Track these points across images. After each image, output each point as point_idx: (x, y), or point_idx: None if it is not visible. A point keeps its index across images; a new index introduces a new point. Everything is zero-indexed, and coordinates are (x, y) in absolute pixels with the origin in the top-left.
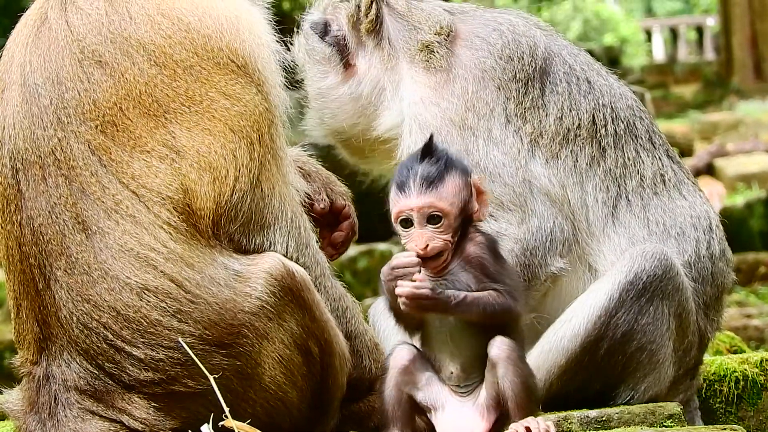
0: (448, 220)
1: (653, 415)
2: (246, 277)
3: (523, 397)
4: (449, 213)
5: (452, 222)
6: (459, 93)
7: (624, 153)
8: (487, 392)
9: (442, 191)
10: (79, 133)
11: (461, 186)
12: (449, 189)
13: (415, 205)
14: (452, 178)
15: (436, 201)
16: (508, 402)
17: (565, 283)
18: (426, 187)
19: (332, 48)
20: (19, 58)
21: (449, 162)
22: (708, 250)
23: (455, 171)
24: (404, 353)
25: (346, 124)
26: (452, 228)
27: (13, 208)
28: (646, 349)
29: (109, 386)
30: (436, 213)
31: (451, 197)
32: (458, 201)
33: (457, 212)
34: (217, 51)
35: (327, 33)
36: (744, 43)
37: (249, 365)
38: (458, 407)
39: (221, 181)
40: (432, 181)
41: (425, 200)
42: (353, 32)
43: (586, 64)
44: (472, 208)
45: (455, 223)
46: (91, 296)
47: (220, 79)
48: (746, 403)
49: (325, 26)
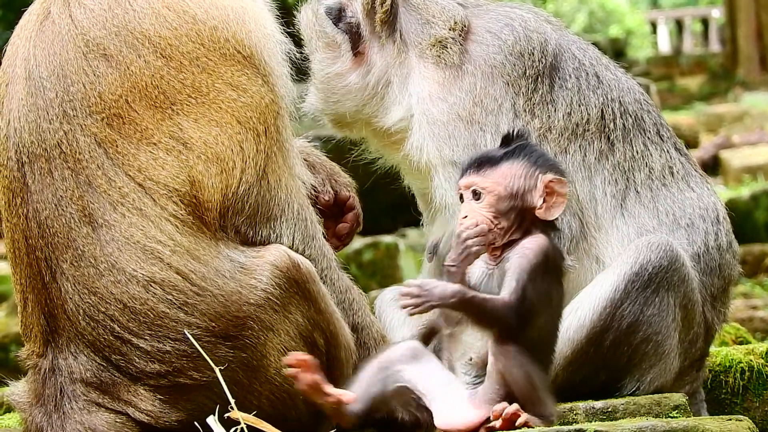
0: (489, 198)
1: (659, 406)
2: (251, 270)
3: (525, 394)
4: (492, 191)
5: (495, 203)
6: (467, 88)
7: (632, 147)
8: (489, 386)
9: (490, 173)
10: (85, 126)
11: (519, 174)
12: (500, 172)
13: (462, 183)
14: (509, 165)
15: (480, 180)
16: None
17: (573, 277)
18: (476, 168)
19: (344, 35)
20: (24, 52)
21: (514, 151)
22: (716, 242)
23: (518, 160)
24: (401, 346)
25: (349, 112)
26: (496, 209)
27: (19, 201)
28: (651, 340)
29: (115, 378)
30: (478, 190)
31: (498, 179)
32: (507, 185)
33: (504, 195)
34: (224, 42)
35: (341, 19)
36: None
37: (255, 357)
38: (457, 396)
39: (228, 172)
40: (483, 163)
41: (470, 179)
42: (367, 21)
43: (595, 59)
44: (531, 201)
45: (500, 205)
46: (98, 289)
47: (226, 70)
48: (752, 393)
49: (340, 12)
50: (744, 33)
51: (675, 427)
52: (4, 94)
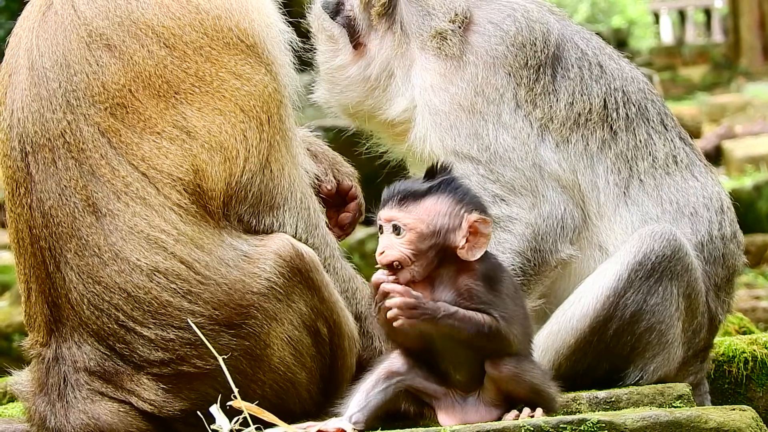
0: (410, 235)
1: (662, 396)
2: (255, 258)
3: (532, 398)
4: (413, 228)
5: (415, 240)
6: (469, 78)
7: (635, 136)
8: (490, 393)
9: (413, 208)
10: (88, 116)
11: (443, 212)
12: (424, 208)
13: (383, 217)
14: (434, 202)
15: (402, 216)
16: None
17: (575, 266)
18: (398, 202)
19: (342, 28)
20: (26, 42)
21: (438, 187)
22: (719, 231)
23: (442, 196)
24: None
25: (353, 103)
26: (416, 247)
27: (23, 191)
28: (654, 330)
29: (118, 367)
30: (399, 225)
31: (421, 216)
32: (431, 224)
33: (426, 233)
34: (227, 31)
35: (338, 13)
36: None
37: (258, 346)
38: (461, 400)
39: (232, 161)
40: (406, 198)
41: (391, 213)
42: (365, 14)
43: (598, 49)
44: (453, 239)
45: (421, 243)
46: (102, 278)
47: (230, 59)
48: (755, 383)
49: (337, 5)
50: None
51: (678, 416)
52: (8, 85)
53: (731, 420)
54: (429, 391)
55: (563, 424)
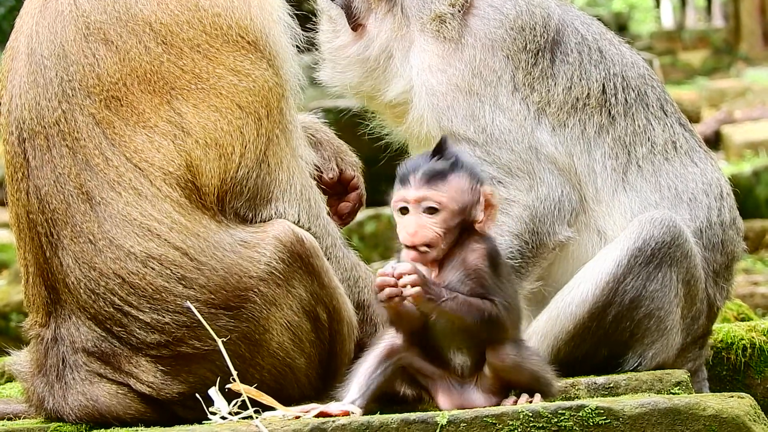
0: (444, 214)
1: (660, 382)
2: (254, 244)
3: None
4: (446, 206)
5: (448, 218)
6: (467, 60)
7: (634, 121)
8: (489, 381)
9: (443, 187)
10: (83, 106)
11: (466, 188)
12: (451, 186)
13: (413, 197)
14: (457, 178)
15: (435, 194)
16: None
17: (573, 249)
18: (427, 181)
19: (340, 10)
20: (27, 28)
21: (457, 163)
22: (719, 217)
23: (462, 173)
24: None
25: (353, 83)
26: (447, 225)
27: (21, 176)
28: (653, 316)
29: (116, 349)
30: (433, 205)
31: (451, 193)
32: (459, 200)
33: (456, 210)
34: (227, 29)
35: None
36: (753, 11)
37: (257, 330)
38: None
39: (227, 157)
40: (433, 177)
41: (423, 192)
42: None
43: (599, 34)
44: (474, 214)
45: (452, 221)
46: (97, 264)
47: (228, 56)
48: (753, 370)
49: None
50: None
51: (677, 403)
52: (9, 69)
53: (729, 407)
54: (427, 372)
55: (562, 410)
